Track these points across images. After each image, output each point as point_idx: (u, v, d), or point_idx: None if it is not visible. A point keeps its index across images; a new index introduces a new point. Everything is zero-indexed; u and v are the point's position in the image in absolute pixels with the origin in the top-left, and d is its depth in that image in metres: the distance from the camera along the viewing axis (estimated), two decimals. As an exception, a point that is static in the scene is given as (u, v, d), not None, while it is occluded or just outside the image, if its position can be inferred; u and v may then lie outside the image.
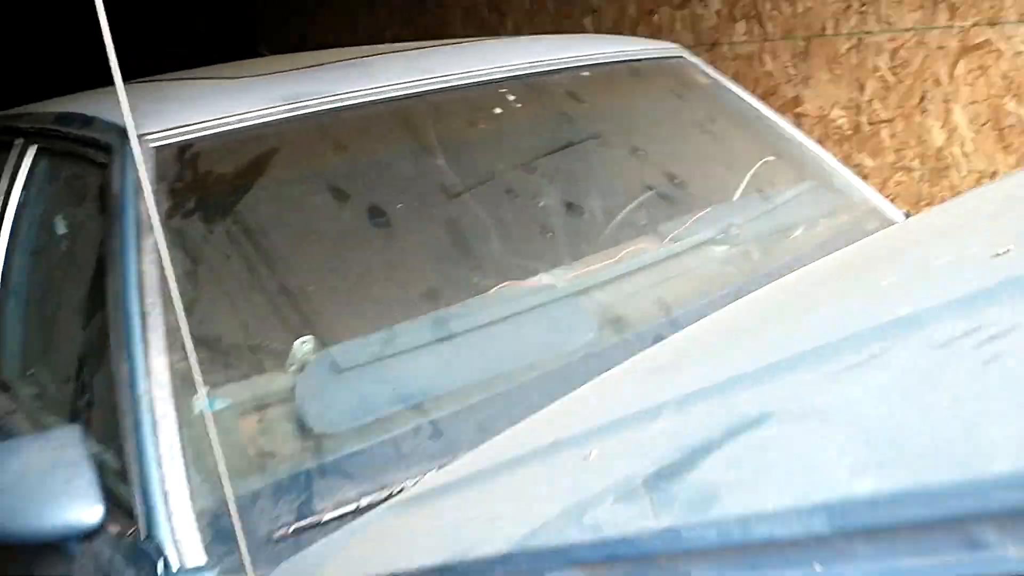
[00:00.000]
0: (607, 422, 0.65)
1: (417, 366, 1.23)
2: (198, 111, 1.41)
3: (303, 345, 1.23)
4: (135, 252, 1.20)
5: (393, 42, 2.34)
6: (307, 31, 6.29)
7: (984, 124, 2.42)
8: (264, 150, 1.41)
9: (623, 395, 0.80)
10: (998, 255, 0.57)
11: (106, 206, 1.29)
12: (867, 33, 2.63)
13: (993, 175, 2.40)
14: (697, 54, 2.03)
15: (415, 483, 1.02)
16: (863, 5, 2.64)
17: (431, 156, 1.54)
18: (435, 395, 1.19)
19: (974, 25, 2.35)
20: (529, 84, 1.70)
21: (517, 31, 4.32)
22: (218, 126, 1.38)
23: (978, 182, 2.44)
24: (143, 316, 1.15)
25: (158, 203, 1.28)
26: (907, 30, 2.51)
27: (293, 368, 1.22)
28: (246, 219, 1.34)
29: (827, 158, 1.94)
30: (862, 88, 2.72)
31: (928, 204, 2.61)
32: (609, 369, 1.22)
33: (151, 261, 1.20)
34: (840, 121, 2.82)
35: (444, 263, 1.45)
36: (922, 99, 2.56)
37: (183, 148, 1.35)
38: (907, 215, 1.90)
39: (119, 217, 1.25)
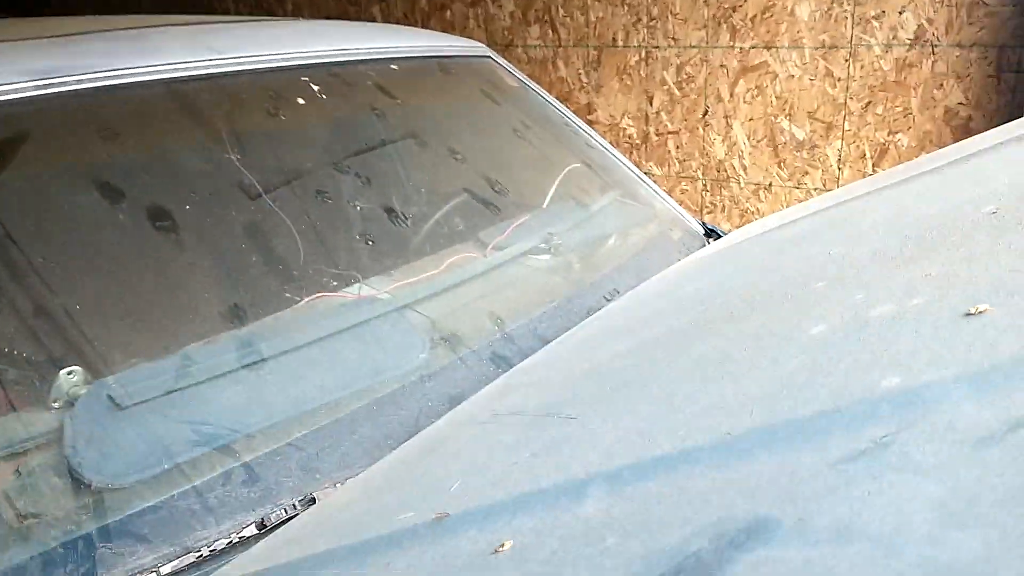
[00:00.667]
0: (508, 496, 0.52)
1: (221, 397, 1.04)
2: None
3: (70, 376, 1.00)
4: None
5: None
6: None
7: (760, 140, 2.60)
8: (9, 135, 1.14)
9: (503, 451, 0.66)
10: (970, 314, 0.50)
11: None
12: (655, 47, 2.73)
13: (769, 187, 2.59)
14: (495, 55, 1.98)
15: (238, 551, 0.84)
16: (652, 20, 2.74)
17: (225, 150, 1.34)
18: (246, 432, 1.01)
19: (752, 47, 2.52)
20: (335, 73, 1.55)
21: (297, 13, 4.05)
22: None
23: (755, 193, 2.62)
24: None
25: None
26: (692, 47, 2.64)
27: (58, 405, 0.99)
28: (-13, 220, 1.07)
29: (629, 166, 1.97)
30: (651, 100, 2.82)
31: (710, 213, 2.76)
32: (448, 392, 1.11)
33: None
34: (630, 130, 2.91)
35: (244, 273, 1.26)
36: (705, 114, 2.70)
37: None
38: (703, 225, 1.97)
39: None
